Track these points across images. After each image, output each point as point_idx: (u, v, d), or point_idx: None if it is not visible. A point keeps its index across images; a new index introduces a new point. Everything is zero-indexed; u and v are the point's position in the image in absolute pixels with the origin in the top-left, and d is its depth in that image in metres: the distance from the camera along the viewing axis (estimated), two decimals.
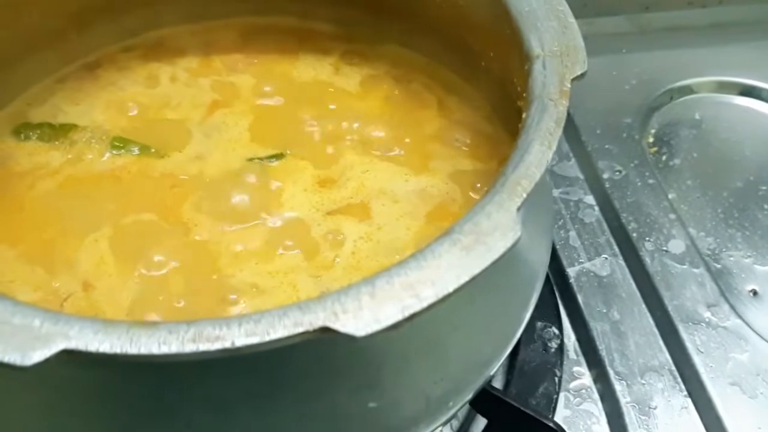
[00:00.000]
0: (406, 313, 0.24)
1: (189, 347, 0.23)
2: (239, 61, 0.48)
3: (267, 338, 0.23)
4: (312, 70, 0.48)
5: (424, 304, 0.24)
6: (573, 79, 0.32)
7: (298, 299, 0.36)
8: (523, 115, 0.31)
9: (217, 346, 0.23)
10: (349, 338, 0.23)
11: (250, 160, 0.42)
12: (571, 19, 0.35)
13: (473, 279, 0.25)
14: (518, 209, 0.27)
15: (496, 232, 0.26)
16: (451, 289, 0.24)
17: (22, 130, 0.44)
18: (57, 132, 0.44)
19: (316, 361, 0.27)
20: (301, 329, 0.23)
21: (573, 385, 0.47)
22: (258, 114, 0.45)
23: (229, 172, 0.41)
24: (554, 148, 0.29)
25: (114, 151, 0.43)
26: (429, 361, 0.30)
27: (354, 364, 0.28)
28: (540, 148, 0.29)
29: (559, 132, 0.29)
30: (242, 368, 0.27)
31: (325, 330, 0.23)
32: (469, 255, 0.25)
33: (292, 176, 0.41)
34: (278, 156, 0.42)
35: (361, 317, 0.23)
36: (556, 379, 0.45)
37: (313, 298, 0.24)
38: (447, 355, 0.31)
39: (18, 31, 0.43)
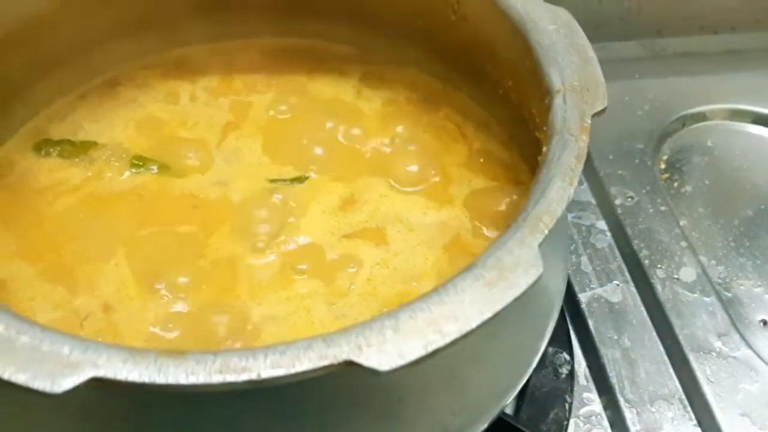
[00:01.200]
0: (430, 349, 0.24)
1: (216, 378, 0.23)
2: (259, 81, 0.49)
3: (292, 371, 0.23)
4: (332, 91, 0.48)
5: (447, 340, 0.24)
6: (593, 115, 0.32)
7: (312, 325, 0.36)
8: (544, 149, 0.32)
9: (243, 377, 0.23)
10: (373, 372, 0.23)
11: (272, 181, 0.42)
12: (592, 54, 0.35)
13: (495, 315, 0.25)
14: (540, 245, 0.27)
15: (518, 268, 0.26)
16: (474, 326, 0.25)
17: (43, 146, 0.44)
18: (77, 149, 0.44)
19: (337, 392, 0.28)
20: (325, 362, 0.23)
21: (583, 411, 0.47)
22: (276, 135, 0.46)
23: (249, 193, 0.42)
24: (575, 184, 0.29)
25: (133, 170, 0.43)
26: (447, 393, 0.30)
27: (374, 395, 0.29)
28: (561, 185, 0.29)
29: (580, 168, 0.30)
30: (264, 398, 0.27)
31: (349, 364, 0.24)
32: (492, 291, 0.26)
33: (310, 199, 0.42)
34: (299, 179, 0.43)
35: (384, 351, 0.24)
36: (567, 405, 0.45)
37: (338, 331, 0.24)
38: (465, 388, 0.31)
39: (41, 49, 0.44)
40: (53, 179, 0.43)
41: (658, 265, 0.53)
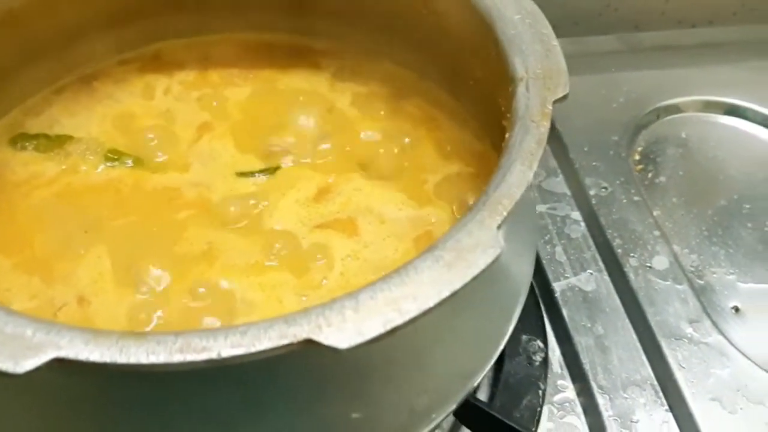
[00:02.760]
0: (388, 327, 0.25)
1: (176, 357, 0.23)
2: (235, 74, 0.49)
3: (252, 349, 0.24)
4: (306, 85, 0.49)
5: (406, 318, 0.25)
6: (555, 101, 0.33)
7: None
8: (506, 135, 0.32)
9: (203, 356, 0.23)
10: (333, 350, 0.24)
11: (243, 174, 0.43)
12: (555, 43, 0.36)
13: (454, 294, 0.26)
14: (499, 227, 0.28)
15: (477, 248, 0.27)
16: (432, 304, 0.25)
17: (19, 140, 0.45)
18: (53, 143, 0.45)
19: (300, 372, 0.28)
20: (285, 341, 0.24)
21: (557, 398, 0.47)
22: (250, 128, 0.46)
23: (223, 184, 0.42)
24: (535, 168, 0.30)
25: (108, 163, 0.44)
26: (412, 372, 0.31)
27: (338, 375, 0.29)
28: (521, 168, 0.30)
29: (540, 152, 0.30)
30: (229, 379, 0.27)
31: (309, 342, 0.24)
32: (451, 271, 0.26)
33: (283, 190, 0.42)
34: (270, 170, 0.43)
35: (344, 330, 0.24)
36: (540, 392, 0.46)
37: (298, 311, 0.25)
38: (430, 367, 0.31)
39: (17, 43, 0.44)
40: (29, 172, 0.43)
41: (632, 254, 0.53)
